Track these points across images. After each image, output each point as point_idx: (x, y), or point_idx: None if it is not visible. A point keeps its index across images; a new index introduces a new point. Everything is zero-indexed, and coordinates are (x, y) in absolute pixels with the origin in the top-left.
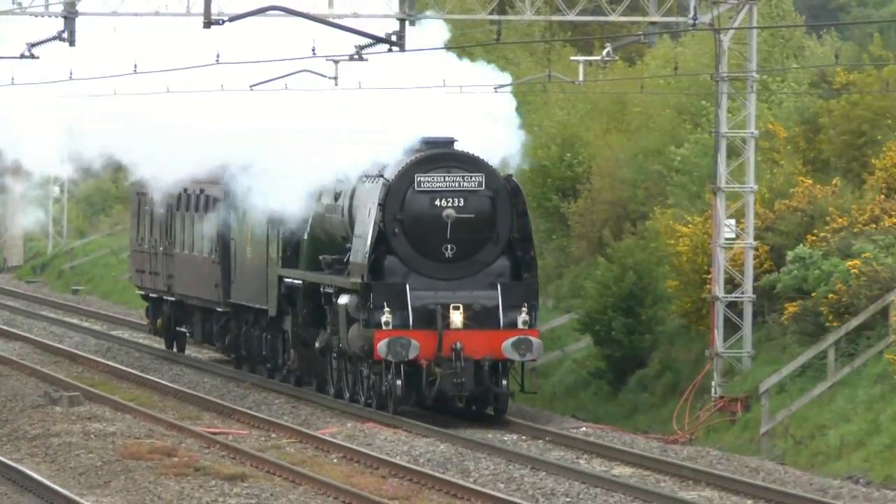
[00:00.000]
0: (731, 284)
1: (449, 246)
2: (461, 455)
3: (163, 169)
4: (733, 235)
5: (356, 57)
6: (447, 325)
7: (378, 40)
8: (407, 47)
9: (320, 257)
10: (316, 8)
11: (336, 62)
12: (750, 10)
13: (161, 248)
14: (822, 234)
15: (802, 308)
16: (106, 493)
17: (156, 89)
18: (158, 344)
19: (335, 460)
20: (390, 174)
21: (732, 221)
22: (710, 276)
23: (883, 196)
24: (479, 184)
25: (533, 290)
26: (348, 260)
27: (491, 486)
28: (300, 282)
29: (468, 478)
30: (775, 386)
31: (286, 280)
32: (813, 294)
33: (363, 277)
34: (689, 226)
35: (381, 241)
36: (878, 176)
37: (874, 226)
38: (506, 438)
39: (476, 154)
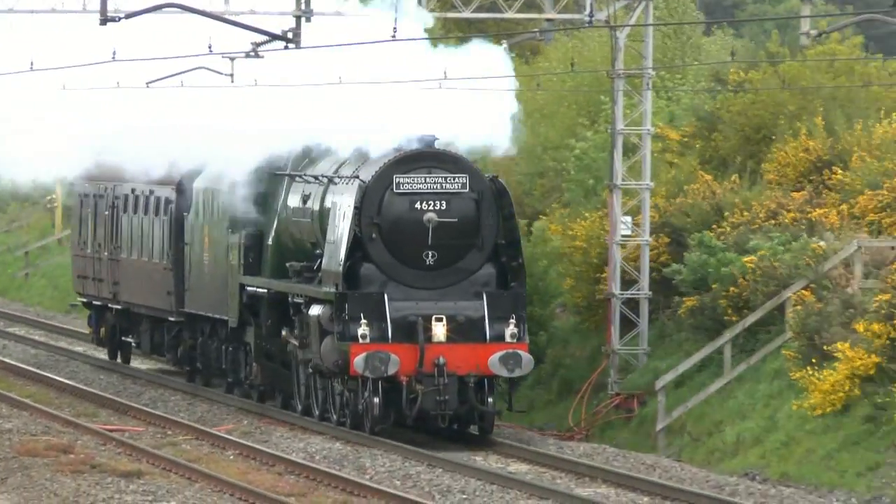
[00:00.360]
0: (626, 281)
1: (430, 252)
2: (357, 452)
3: (110, 168)
4: (629, 232)
5: (252, 54)
6: (429, 338)
7: (274, 37)
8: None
9: (287, 265)
10: (212, 5)
11: (232, 59)
12: (646, 7)
13: (106, 253)
14: (719, 230)
15: (700, 302)
16: (2, 491)
17: (51, 86)
18: (56, 341)
19: (231, 457)
20: (366, 175)
21: (629, 218)
22: (604, 274)
23: (780, 192)
24: (463, 185)
25: (521, 301)
26: (319, 267)
27: (387, 483)
28: (265, 290)
29: (364, 475)
30: (672, 382)
31: (248, 288)
32: (713, 285)
33: (337, 286)
34: (584, 222)
35: (357, 247)
36: (773, 175)
37: (772, 221)
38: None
39: (459, 153)
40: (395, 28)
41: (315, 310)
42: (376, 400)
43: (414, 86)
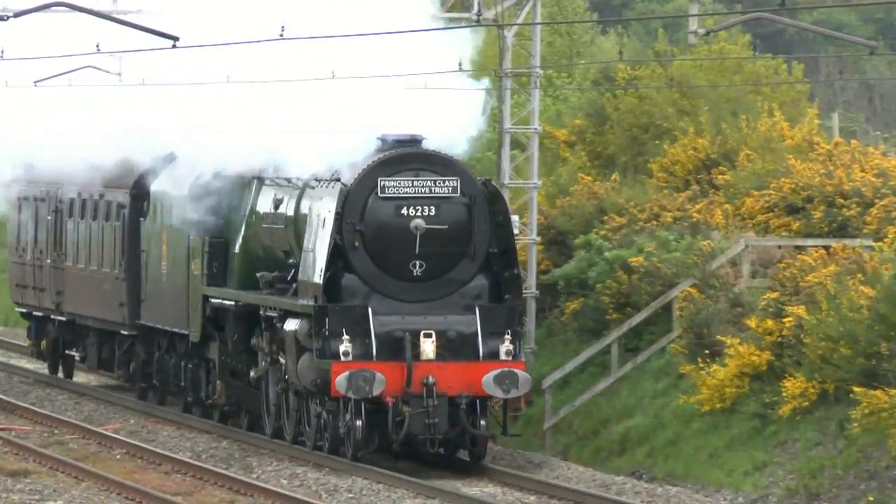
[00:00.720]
0: None
1: (418, 262)
2: (244, 451)
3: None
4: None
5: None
6: (417, 355)
7: (162, 36)
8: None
9: (258, 275)
10: (101, 4)
11: (121, 58)
12: (534, 6)
13: (49, 261)
14: (602, 233)
15: (583, 305)
16: None
17: None
18: None
19: (118, 456)
20: (348, 178)
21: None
22: None
23: (663, 192)
24: (453, 189)
25: (517, 315)
26: (294, 278)
27: (274, 483)
28: (231, 303)
29: (251, 474)
30: (559, 381)
31: (213, 300)
32: (597, 285)
33: (316, 299)
34: None
35: (338, 256)
36: (660, 176)
37: (655, 222)
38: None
39: (448, 154)
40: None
41: (291, 324)
42: (359, 423)
43: (387, 82)
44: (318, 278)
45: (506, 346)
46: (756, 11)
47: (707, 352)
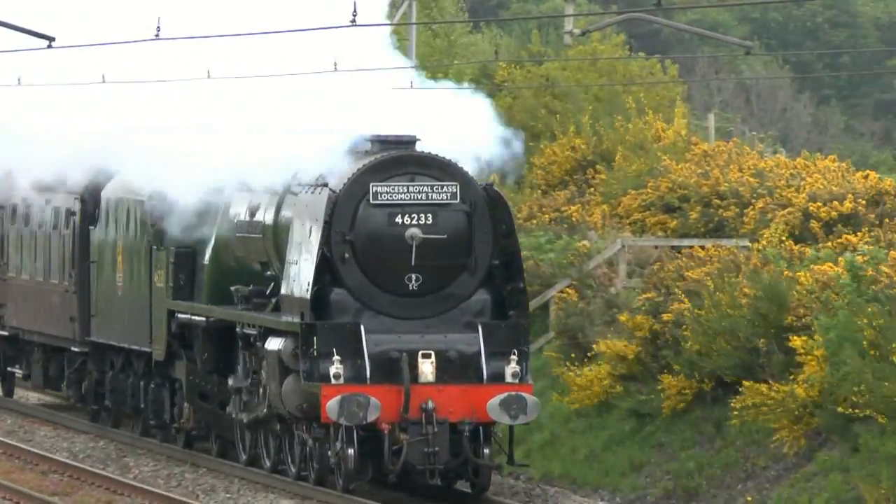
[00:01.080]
0: None
1: (414, 276)
2: (121, 451)
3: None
4: None
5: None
6: (415, 377)
7: (37, 36)
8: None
9: (233, 289)
10: None
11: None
12: (410, 5)
13: None
14: None
15: None
16: None
17: None
18: None
19: None
20: (336, 183)
21: None
22: None
23: (541, 192)
24: (452, 195)
25: (523, 333)
26: (273, 292)
27: (150, 482)
28: (202, 319)
29: (128, 474)
30: None
31: (179, 316)
32: None
33: (303, 316)
34: None
35: (325, 269)
36: (537, 173)
37: (533, 221)
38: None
39: (446, 156)
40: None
41: (274, 343)
42: (352, 451)
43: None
44: (304, 293)
45: (512, 368)
46: (631, 12)
47: (578, 354)
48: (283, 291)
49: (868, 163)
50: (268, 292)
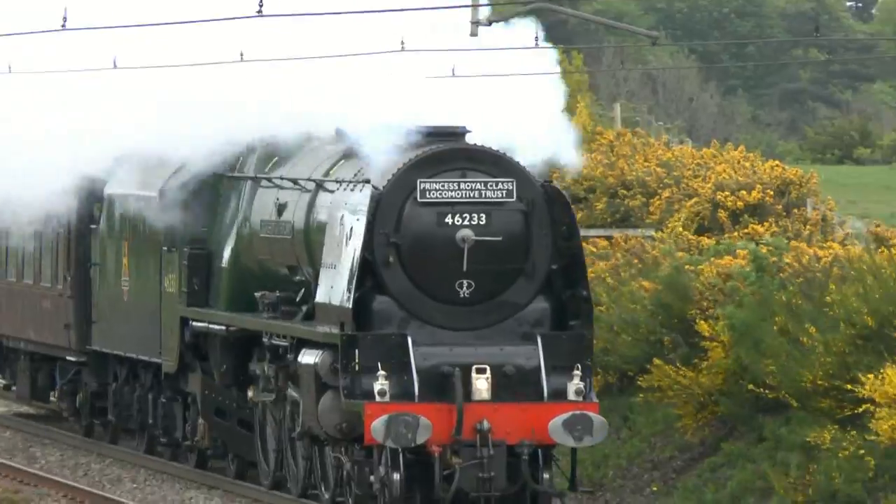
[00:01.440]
0: None
1: (465, 282)
2: (28, 441)
3: None
4: None
5: None
6: (468, 395)
7: None
8: None
9: (257, 295)
10: None
11: None
12: None
13: None
14: None
15: None
16: None
17: None
18: None
19: None
20: (379, 178)
21: None
22: None
23: None
24: (508, 192)
25: (587, 345)
26: (304, 299)
27: (57, 472)
28: (221, 328)
29: (35, 464)
30: None
31: (194, 324)
32: None
33: (343, 326)
34: None
35: (367, 274)
36: None
37: None
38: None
39: (500, 150)
40: None
41: (309, 357)
42: (397, 476)
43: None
44: (344, 301)
45: (575, 384)
46: (537, 2)
47: None
48: (317, 299)
49: (774, 152)
50: (298, 299)
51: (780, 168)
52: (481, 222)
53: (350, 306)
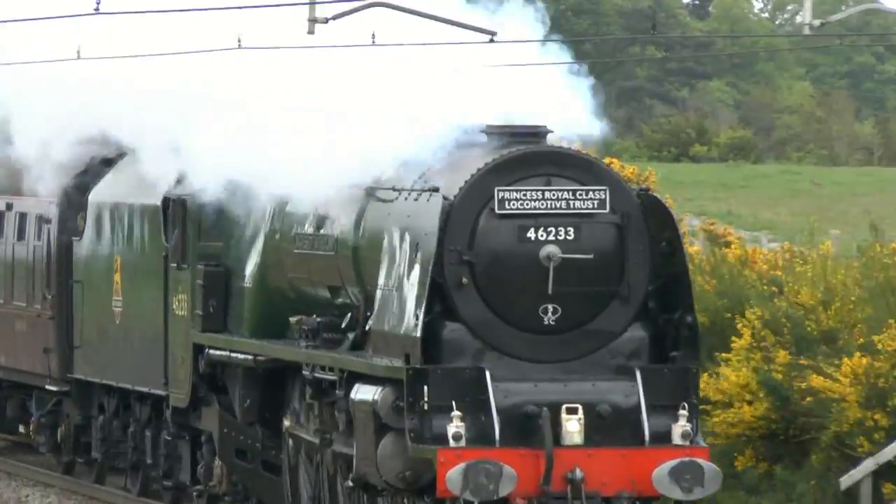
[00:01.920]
0: None
1: (550, 307)
2: None
3: None
4: None
5: None
6: (558, 439)
7: None
8: None
9: (292, 320)
10: None
11: None
12: None
13: None
14: None
15: None
16: None
17: None
18: None
19: None
20: (449, 186)
21: None
22: None
23: None
24: (600, 203)
25: (693, 381)
26: (351, 325)
27: None
28: (248, 357)
29: None
30: None
31: (211, 353)
32: None
33: (408, 358)
34: None
35: (436, 297)
36: None
37: None
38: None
39: (588, 153)
40: None
41: (365, 393)
42: None
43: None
44: (410, 328)
45: (681, 426)
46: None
47: None
48: (372, 325)
49: (611, 150)
50: (344, 325)
51: (618, 165)
52: (569, 237)
53: (418, 335)
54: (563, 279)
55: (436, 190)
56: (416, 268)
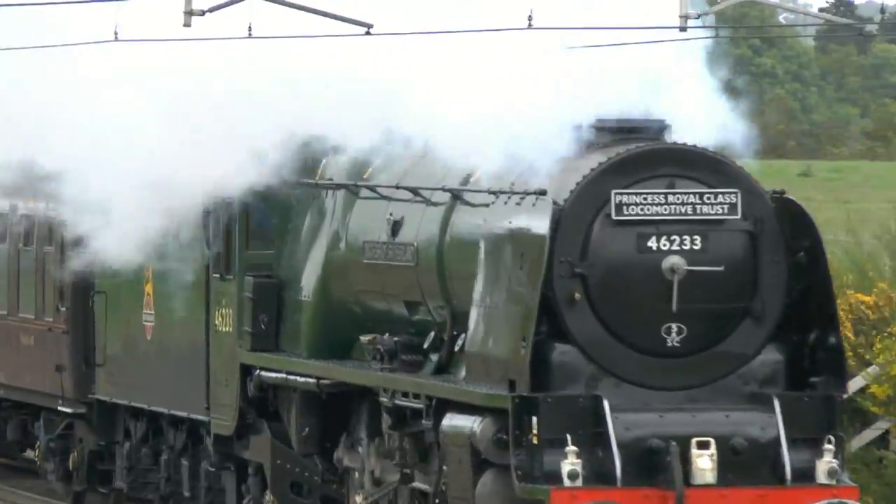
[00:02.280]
0: None
1: (674, 326)
2: None
3: None
4: None
5: None
6: (688, 477)
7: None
8: None
9: (365, 339)
10: None
11: None
12: None
13: None
14: None
15: None
16: None
17: None
18: None
19: None
20: (557, 188)
21: None
22: None
23: None
24: (731, 207)
25: (836, 411)
26: (435, 346)
27: None
28: (311, 380)
29: None
30: None
31: (263, 374)
32: None
33: (513, 385)
34: None
35: (543, 315)
36: None
37: None
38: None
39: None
40: None
41: (460, 423)
42: None
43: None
44: (515, 350)
45: (827, 462)
46: None
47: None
48: (468, 347)
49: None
50: (426, 345)
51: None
52: (695, 247)
53: (527, 358)
54: (689, 295)
55: (543, 193)
56: (522, 281)
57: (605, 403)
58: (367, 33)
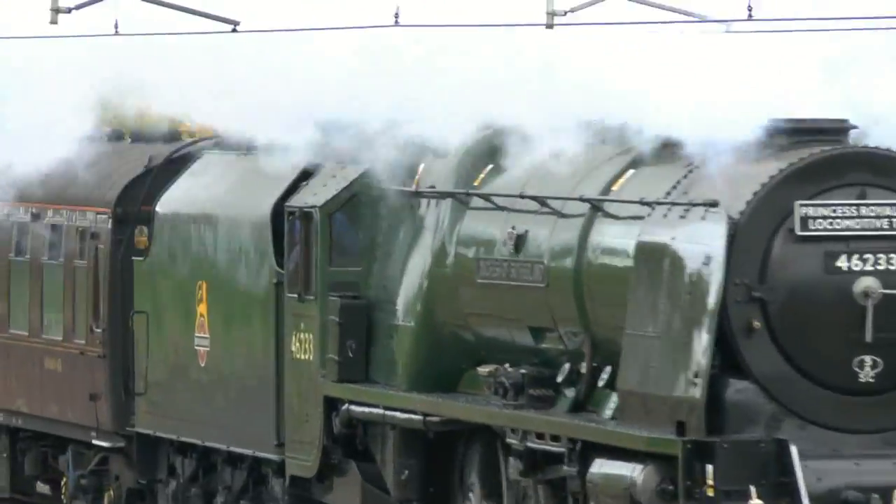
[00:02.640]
0: None
1: (869, 360)
2: None
3: None
4: None
5: None
6: None
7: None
8: None
9: (483, 371)
10: None
11: None
12: None
13: None
14: None
15: None
16: None
17: None
18: None
19: None
20: (729, 199)
21: None
22: None
23: None
24: None
25: None
26: (570, 380)
27: None
28: (416, 417)
29: None
30: None
31: (352, 409)
32: None
33: (682, 427)
34: None
35: (717, 346)
36: None
37: None
38: None
39: None
40: None
41: (615, 470)
42: None
43: None
44: (684, 388)
45: None
46: None
47: None
48: (619, 382)
49: None
50: (560, 378)
51: None
52: (892, 267)
53: (699, 398)
54: (885, 323)
55: (714, 204)
56: (688, 307)
57: (794, 449)
58: (234, 30)
